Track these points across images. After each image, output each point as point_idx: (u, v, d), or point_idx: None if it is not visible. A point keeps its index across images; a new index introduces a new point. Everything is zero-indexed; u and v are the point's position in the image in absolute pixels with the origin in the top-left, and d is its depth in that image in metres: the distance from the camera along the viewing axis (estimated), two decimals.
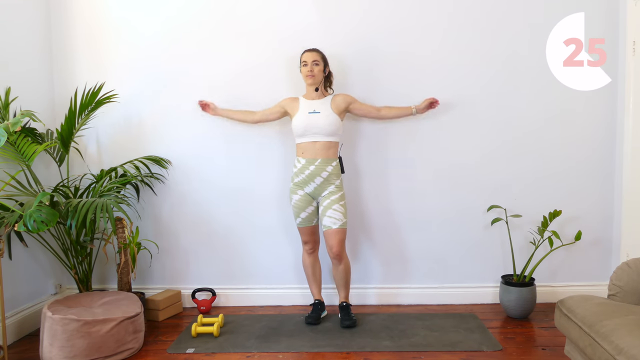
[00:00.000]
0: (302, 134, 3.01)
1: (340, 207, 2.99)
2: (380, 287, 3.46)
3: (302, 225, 3.10)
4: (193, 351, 2.77)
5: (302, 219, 3.08)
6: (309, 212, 3.06)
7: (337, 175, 3.04)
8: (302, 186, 3.04)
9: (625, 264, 2.32)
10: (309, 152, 3.01)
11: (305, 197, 3.05)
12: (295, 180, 3.07)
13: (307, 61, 3.02)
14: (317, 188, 3.02)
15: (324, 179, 3.00)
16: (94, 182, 3.18)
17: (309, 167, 3.00)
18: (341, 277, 3.10)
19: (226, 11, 3.35)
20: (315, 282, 3.20)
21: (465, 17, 3.29)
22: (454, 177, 3.39)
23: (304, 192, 3.05)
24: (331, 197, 3.00)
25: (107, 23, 3.39)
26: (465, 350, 2.70)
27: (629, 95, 3.19)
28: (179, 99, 3.40)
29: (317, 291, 3.21)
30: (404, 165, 3.39)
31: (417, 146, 3.38)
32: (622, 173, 3.29)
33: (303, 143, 3.03)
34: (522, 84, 3.32)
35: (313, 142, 3.00)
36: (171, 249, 3.50)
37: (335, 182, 3.03)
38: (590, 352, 1.99)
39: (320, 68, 3.03)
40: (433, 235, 3.43)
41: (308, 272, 3.19)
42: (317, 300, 3.18)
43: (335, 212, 2.97)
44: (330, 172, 3.01)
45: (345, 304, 3.11)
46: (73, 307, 2.72)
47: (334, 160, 3.03)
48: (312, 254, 3.17)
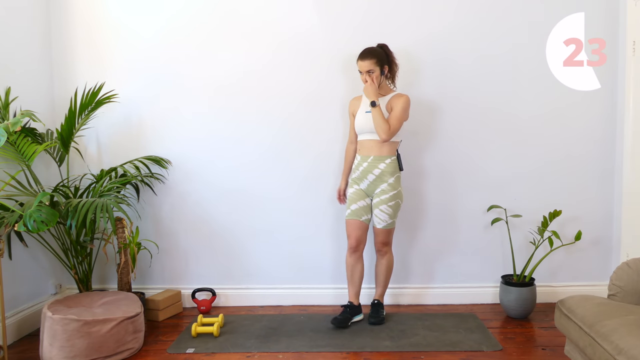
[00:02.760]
0: (360, 132, 3.04)
1: (387, 207, 2.97)
2: None
3: (350, 218, 3.04)
4: (193, 351, 2.77)
5: (351, 210, 3.04)
6: (360, 205, 3.02)
7: (391, 173, 2.99)
8: (358, 182, 3.06)
9: (625, 264, 2.32)
10: (364, 149, 3.02)
11: (359, 191, 3.05)
12: (352, 176, 3.10)
13: (361, 70, 2.97)
14: (370, 185, 3.02)
15: (376, 176, 2.99)
16: (94, 182, 3.18)
17: (362, 163, 3.02)
18: (381, 271, 3.11)
19: (227, 11, 3.34)
20: (352, 283, 3.08)
21: (465, 16, 3.30)
22: (454, 176, 3.39)
23: (359, 187, 3.06)
24: (381, 197, 2.98)
25: (107, 23, 3.39)
26: (465, 350, 2.70)
27: (629, 95, 3.19)
28: (179, 99, 3.40)
29: (352, 293, 3.09)
30: (403, 165, 3.38)
31: (416, 146, 3.38)
32: (622, 173, 3.29)
33: (362, 140, 3.05)
34: (522, 84, 3.32)
35: (369, 139, 3.01)
36: (171, 249, 3.50)
37: (389, 180, 2.99)
38: (590, 352, 1.99)
39: (377, 74, 2.94)
40: (433, 235, 3.43)
41: (348, 272, 3.09)
42: (349, 302, 3.08)
43: (381, 212, 2.98)
44: (383, 170, 2.98)
45: (377, 302, 3.13)
46: (73, 307, 2.72)
47: (388, 157, 2.99)
48: (355, 253, 3.05)
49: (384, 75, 3.01)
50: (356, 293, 3.11)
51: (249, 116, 3.39)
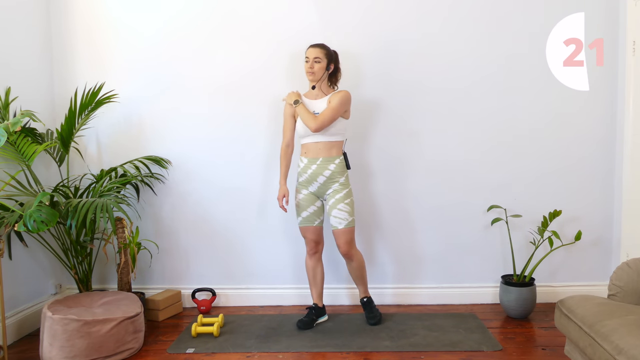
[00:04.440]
0: (304, 134, 2.98)
1: (345, 205, 2.95)
2: (380, 287, 3.45)
3: (303, 225, 3.05)
4: (193, 351, 2.77)
5: (303, 217, 3.04)
6: (310, 211, 3.02)
7: (341, 173, 2.99)
8: (307, 185, 3.02)
9: (625, 264, 2.32)
10: (311, 151, 2.98)
11: (309, 196, 3.02)
12: (299, 180, 3.06)
13: (309, 57, 2.94)
14: (320, 187, 2.99)
15: (326, 177, 2.96)
16: (94, 182, 3.18)
17: (310, 166, 2.97)
18: (356, 274, 3.09)
19: (227, 12, 3.35)
20: (314, 285, 3.12)
21: (465, 16, 3.29)
22: (454, 176, 3.39)
23: (309, 191, 3.02)
24: (336, 196, 2.96)
25: (107, 23, 3.39)
26: (465, 350, 2.70)
27: (629, 95, 3.18)
28: (179, 99, 3.40)
29: (316, 295, 3.12)
30: (402, 165, 3.39)
31: (416, 145, 3.38)
32: (622, 173, 3.29)
33: (307, 143, 3.00)
34: (522, 84, 3.32)
35: (315, 142, 2.97)
36: (171, 249, 3.50)
37: (340, 180, 2.98)
38: (590, 352, 1.99)
39: (321, 65, 2.94)
40: (433, 235, 3.43)
41: (309, 275, 3.12)
42: (314, 304, 3.12)
43: (340, 211, 2.94)
44: (333, 170, 2.96)
45: (366, 299, 3.13)
46: (73, 307, 2.72)
47: (336, 157, 2.98)
48: (314, 255, 3.09)
49: (328, 71, 2.98)
50: (319, 294, 3.12)
51: (249, 115, 3.39)
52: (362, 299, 3.15)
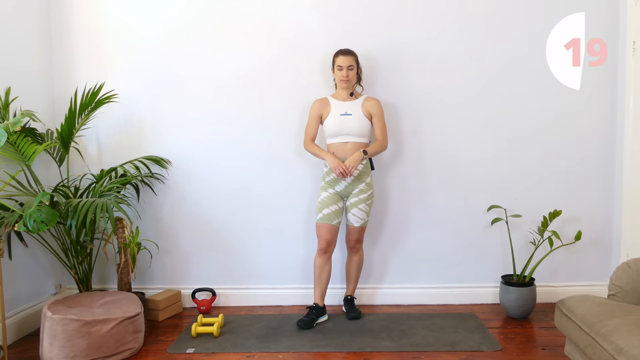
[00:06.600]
0: (334, 135, 3.04)
1: (366, 206, 3.07)
2: (380, 287, 3.46)
3: (321, 222, 3.05)
4: (193, 351, 2.77)
5: (323, 214, 3.04)
6: (332, 209, 3.04)
7: (367, 173, 3.08)
8: (333, 185, 3.07)
9: (625, 264, 2.32)
10: (340, 152, 3.04)
11: (334, 195, 3.07)
12: (326, 179, 3.10)
13: (342, 65, 3.00)
14: (347, 186, 3.06)
15: (354, 177, 3.04)
16: (94, 182, 3.18)
17: None
18: (353, 268, 3.21)
19: (228, 12, 3.35)
20: (319, 284, 3.11)
21: (466, 17, 3.30)
22: (454, 177, 3.39)
23: (334, 190, 3.08)
24: (360, 196, 3.05)
25: (107, 23, 3.39)
26: (465, 350, 2.70)
27: (629, 95, 3.19)
28: (179, 99, 3.40)
29: (319, 294, 3.11)
30: (403, 165, 3.39)
31: (417, 146, 3.38)
32: (622, 173, 3.29)
33: (334, 143, 3.06)
34: (522, 84, 3.32)
35: (344, 142, 3.03)
36: (171, 249, 3.50)
37: (366, 180, 3.08)
38: (590, 352, 1.99)
39: (354, 72, 3.05)
40: (433, 235, 3.43)
41: (315, 273, 3.11)
42: (315, 304, 3.11)
43: (360, 211, 3.06)
44: (361, 171, 3.05)
45: (350, 297, 3.22)
46: (73, 307, 2.72)
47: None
48: (324, 254, 3.07)
49: (358, 75, 3.11)
50: (322, 294, 3.13)
51: (249, 116, 3.39)
52: (347, 296, 3.25)
